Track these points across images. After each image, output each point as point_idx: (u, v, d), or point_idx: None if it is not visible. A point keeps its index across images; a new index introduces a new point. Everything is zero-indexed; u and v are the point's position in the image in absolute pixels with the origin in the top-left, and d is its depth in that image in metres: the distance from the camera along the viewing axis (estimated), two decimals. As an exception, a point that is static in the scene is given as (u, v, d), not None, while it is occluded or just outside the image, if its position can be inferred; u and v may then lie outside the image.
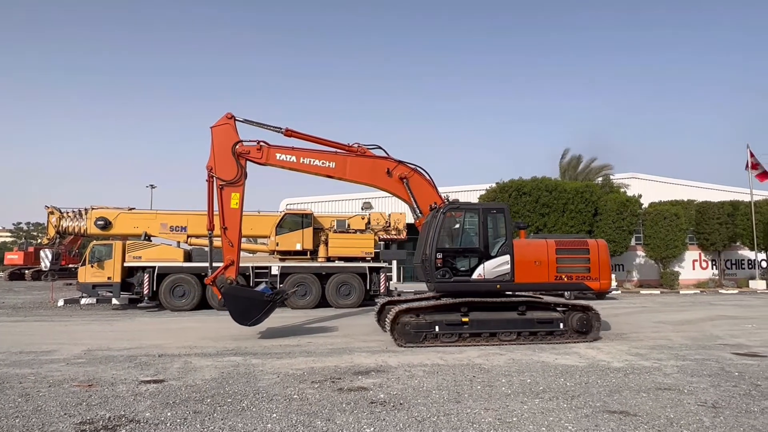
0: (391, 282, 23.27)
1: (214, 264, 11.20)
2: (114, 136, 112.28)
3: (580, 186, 27.01)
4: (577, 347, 9.66)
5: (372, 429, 5.04)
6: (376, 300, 19.08)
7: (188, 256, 18.31)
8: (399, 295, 21.76)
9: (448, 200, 11.34)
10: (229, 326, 13.04)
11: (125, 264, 17.58)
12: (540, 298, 11.13)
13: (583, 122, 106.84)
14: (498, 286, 10.34)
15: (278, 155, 11.13)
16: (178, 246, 19.01)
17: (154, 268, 17.42)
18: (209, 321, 14.41)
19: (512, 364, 8.15)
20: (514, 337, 10.10)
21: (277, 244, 18.52)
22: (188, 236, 18.97)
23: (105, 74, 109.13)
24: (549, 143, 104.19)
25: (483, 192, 28.59)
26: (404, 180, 11.29)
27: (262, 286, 11.88)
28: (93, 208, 18.79)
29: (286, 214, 19.35)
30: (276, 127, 11.30)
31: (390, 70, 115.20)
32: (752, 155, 28.60)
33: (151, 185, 49.36)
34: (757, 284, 28.05)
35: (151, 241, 18.76)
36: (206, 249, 18.82)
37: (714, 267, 31.79)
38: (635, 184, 32.45)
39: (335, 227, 19.25)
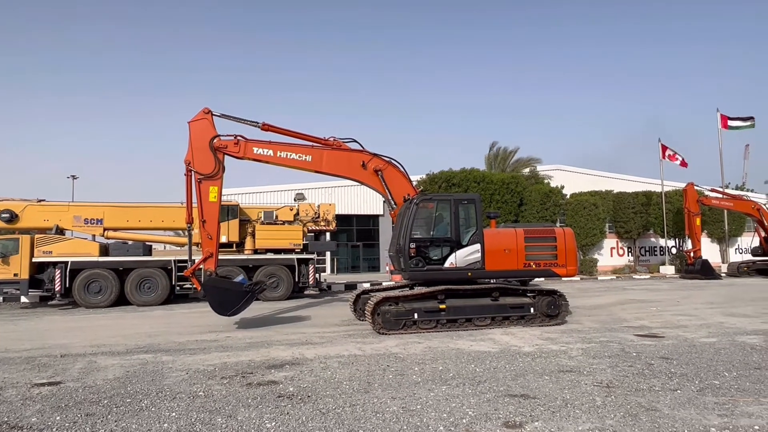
0: (323, 273, 23.18)
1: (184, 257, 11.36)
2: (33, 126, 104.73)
3: (507, 177, 27.93)
4: (492, 333, 9.96)
5: (274, 423, 4.96)
6: (306, 292, 18.96)
7: (105, 251, 17.37)
8: (329, 287, 21.72)
9: (421, 191, 11.61)
10: (143, 323, 12.56)
11: (34, 259, 16.46)
12: (511, 284, 11.43)
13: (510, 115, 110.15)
14: (469, 274, 10.69)
15: (255, 149, 11.29)
16: (93, 239, 17.99)
17: (66, 263, 16.44)
18: (126, 318, 13.75)
19: (428, 352, 8.28)
20: (488, 322, 10.51)
21: (202, 237, 17.88)
22: (105, 229, 17.96)
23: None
24: (473, 135, 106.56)
25: (414, 183, 28.89)
26: (378, 172, 11.62)
27: (240, 278, 12.46)
28: (-4, 200, 17.42)
29: (211, 205, 18.72)
30: (253, 122, 11.48)
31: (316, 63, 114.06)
32: (665, 148, 30.50)
33: (73, 176, 46.46)
34: (667, 269, 30.08)
35: (63, 234, 17.64)
36: (127, 243, 18.09)
37: (630, 254, 33.84)
38: (558, 175, 33.88)
39: (262, 219, 18.87)
